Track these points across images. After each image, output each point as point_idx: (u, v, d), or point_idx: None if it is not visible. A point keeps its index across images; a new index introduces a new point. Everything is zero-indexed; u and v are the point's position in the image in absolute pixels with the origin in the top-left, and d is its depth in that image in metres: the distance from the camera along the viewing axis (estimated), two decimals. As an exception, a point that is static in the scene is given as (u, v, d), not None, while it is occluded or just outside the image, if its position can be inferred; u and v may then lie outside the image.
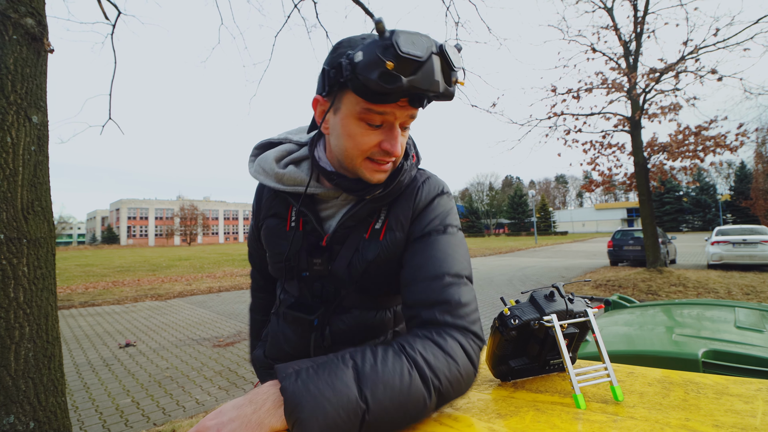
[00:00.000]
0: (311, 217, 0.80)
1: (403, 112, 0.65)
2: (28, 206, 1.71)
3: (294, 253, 0.82)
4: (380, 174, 0.71)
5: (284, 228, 0.84)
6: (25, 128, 1.72)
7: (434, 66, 0.58)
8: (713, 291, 7.73)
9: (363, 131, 0.67)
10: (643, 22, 9.39)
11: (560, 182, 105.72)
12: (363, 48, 0.59)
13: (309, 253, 0.81)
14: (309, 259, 0.80)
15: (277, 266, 0.85)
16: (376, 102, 0.62)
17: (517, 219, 75.96)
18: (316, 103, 0.72)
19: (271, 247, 0.86)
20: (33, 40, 1.77)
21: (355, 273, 0.78)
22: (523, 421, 0.56)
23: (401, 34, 0.57)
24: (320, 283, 0.82)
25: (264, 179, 0.81)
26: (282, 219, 0.85)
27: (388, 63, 0.56)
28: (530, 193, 56.12)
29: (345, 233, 0.79)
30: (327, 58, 0.68)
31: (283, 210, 0.85)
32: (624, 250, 13.58)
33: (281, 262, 0.83)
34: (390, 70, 0.56)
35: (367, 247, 0.78)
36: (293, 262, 0.82)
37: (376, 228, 0.79)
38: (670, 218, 62.62)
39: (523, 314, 0.67)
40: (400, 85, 0.57)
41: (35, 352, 1.71)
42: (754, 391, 0.61)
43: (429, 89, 0.59)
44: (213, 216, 78.70)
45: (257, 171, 0.83)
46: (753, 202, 35.45)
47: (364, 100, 0.63)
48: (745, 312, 1.71)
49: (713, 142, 8.95)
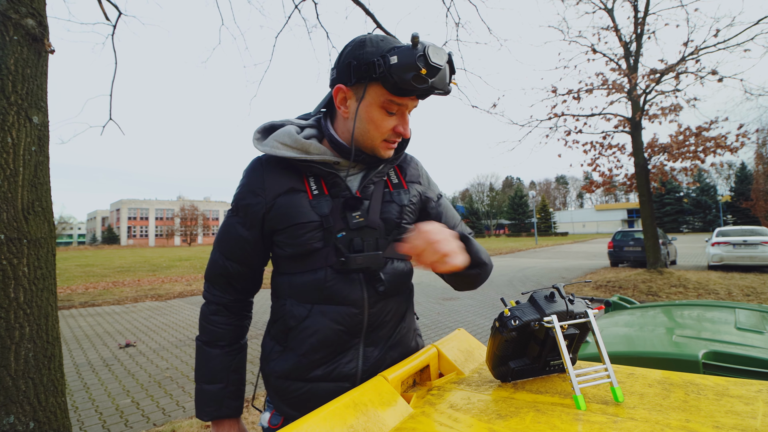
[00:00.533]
0: (341, 178, 0.88)
1: (413, 102, 0.84)
2: (28, 206, 1.72)
3: (327, 216, 0.86)
4: (391, 151, 0.89)
5: (307, 198, 0.87)
6: (25, 129, 1.72)
7: (446, 71, 0.77)
8: (713, 292, 7.72)
9: (383, 117, 0.83)
10: (643, 23, 9.39)
11: (561, 183, 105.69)
12: (397, 53, 0.75)
13: (345, 208, 0.87)
14: (347, 215, 0.86)
15: (307, 236, 0.85)
16: (400, 95, 0.79)
17: (517, 220, 75.93)
18: (338, 91, 0.84)
19: (296, 219, 0.85)
20: (34, 41, 1.77)
21: (390, 221, 0.90)
22: (523, 421, 0.56)
23: (429, 47, 0.74)
24: (360, 237, 0.87)
25: (284, 152, 0.85)
26: (301, 191, 0.87)
27: (423, 69, 0.73)
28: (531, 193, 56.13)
29: (368, 191, 0.91)
30: (349, 53, 0.81)
31: (298, 183, 0.88)
32: (624, 251, 13.58)
33: (315, 229, 0.85)
34: (422, 74, 0.74)
35: (396, 196, 0.94)
36: (329, 223, 0.85)
37: (395, 182, 0.96)
38: (671, 219, 62.59)
39: (524, 315, 0.67)
40: (427, 86, 0.75)
41: (35, 353, 1.71)
42: (755, 392, 0.61)
43: (442, 89, 0.78)
44: (213, 216, 78.70)
45: (273, 146, 0.87)
46: (753, 203, 35.41)
47: (388, 93, 0.79)
48: (745, 313, 1.71)
49: (714, 143, 8.95)
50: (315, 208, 0.85)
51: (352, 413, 0.58)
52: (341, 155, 0.88)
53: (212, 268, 0.94)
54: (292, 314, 0.87)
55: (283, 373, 0.87)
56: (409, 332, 0.97)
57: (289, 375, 0.86)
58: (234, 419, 0.92)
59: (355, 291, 0.85)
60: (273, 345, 0.91)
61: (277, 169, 0.88)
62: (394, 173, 0.97)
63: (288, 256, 0.88)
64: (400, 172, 0.98)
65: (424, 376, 0.83)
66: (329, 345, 0.84)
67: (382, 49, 0.78)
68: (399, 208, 0.92)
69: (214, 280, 0.94)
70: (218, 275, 0.93)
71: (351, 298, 0.85)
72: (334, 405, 0.58)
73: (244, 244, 0.90)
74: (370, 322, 0.87)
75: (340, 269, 0.84)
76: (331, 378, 0.85)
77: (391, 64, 0.74)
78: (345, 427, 0.55)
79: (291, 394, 0.87)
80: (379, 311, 0.88)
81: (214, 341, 0.92)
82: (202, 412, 0.89)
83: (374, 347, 0.88)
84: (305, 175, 0.89)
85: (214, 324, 0.92)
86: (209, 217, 76.69)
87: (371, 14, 4.26)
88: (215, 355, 0.91)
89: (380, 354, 0.88)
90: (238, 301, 0.95)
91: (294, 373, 0.86)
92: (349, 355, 0.86)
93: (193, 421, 2.96)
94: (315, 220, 0.85)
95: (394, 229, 0.90)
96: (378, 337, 0.89)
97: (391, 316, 0.90)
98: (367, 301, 0.86)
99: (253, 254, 0.91)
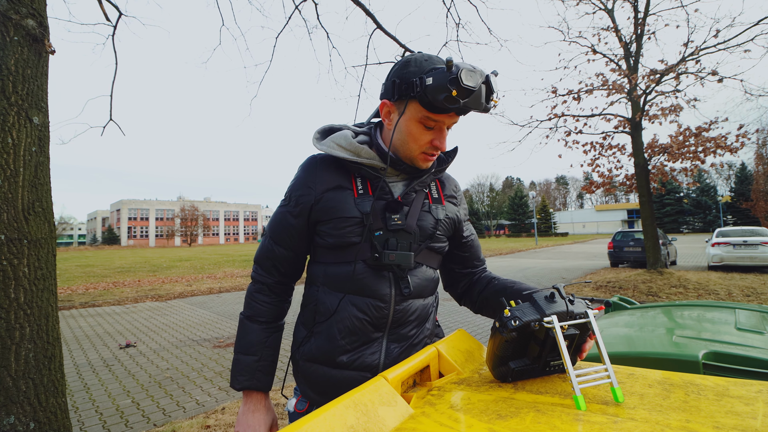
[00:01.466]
0: (385, 182, 0.95)
1: (451, 119, 0.89)
2: (28, 207, 1.72)
3: (368, 214, 0.92)
4: (429, 162, 0.95)
5: (352, 195, 0.94)
6: (26, 129, 1.72)
7: (482, 92, 0.81)
8: (714, 292, 7.72)
9: (421, 132, 0.89)
10: (643, 24, 9.40)
11: (561, 183, 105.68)
12: (433, 75, 0.80)
13: (386, 210, 0.94)
14: (387, 216, 0.93)
15: (348, 230, 0.92)
16: (435, 113, 0.85)
17: (517, 220, 75.90)
18: (384, 106, 0.92)
19: (340, 213, 0.93)
20: (34, 42, 1.77)
21: (426, 229, 0.97)
22: (523, 422, 0.56)
23: (463, 70, 0.78)
24: (395, 239, 0.93)
25: (339, 152, 0.94)
26: (347, 189, 0.95)
27: (454, 91, 0.78)
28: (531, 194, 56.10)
29: (410, 198, 0.97)
30: (395, 71, 0.89)
31: (346, 182, 0.96)
32: (624, 251, 13.57)
33: (356, 225, 0.92)
34: (454, 96, 0.79)
35: (434, 209, 1.00)
36: (369, 221, 0.91)
37: (435, 196, 1.03)
38: (671, 219, 62.57)
39: (524, 315, 0.67)
40: (458, 106, 0.80)
41: (36, 353, 1.71)
42: (755, 392, 0.61)
43: (476, 108, 0.83)
44: (213, 217, 78.73)
45: (330, 146, 0.96)
46: (753, 203, 35.40)
47: (426, 110, 0.85)
48: (745, 314, 1.71)
49: (714, 144, 8.95)
50: (358, 205, 0.93)
51: (353, 413, 0.58)
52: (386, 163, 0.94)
53: (262, 251, 1.02)
54: (323, 301, 0.95)
55: (311, 356, 0.95)
56: (431, 337, 1.04)
57: (317, 358, 0.94)
58: (262, 393, 0.97)
59: (384, 287, 0.92)
60: (303, 330, 0.99)
61: (330, 168, 0.97)
62: (435, 188, 1.04)
63: (327, 246, 0.95)
64: (440, 187, 1.06)
65: (424, 376, 0.83)
66: (355, 333, 0.91)
67: (423, 69, 0.84)
68: (435, 221, 0.99)
69: (262, 263, 1.02)
70: (266, 258, 1.01)
71: (379, 292, 0.92)
72: (335, 405, 0.58)
73: (292, 231, 0.98)
74: (395, 319, 0.94)
75: (372, 264, 0.91)
76: (355, 366, 0.92)
77: (426, 85, 0.81)
78: (345, 428, 0.55)
79: (317, 378, 0.94)
80: (404, 309, 0.94)
81: (254, 316, 0.99)
82: (235, 381, 0.96)
83: (397, 344, 0.95)
84: (354, 175, 0.96)
85: (257, 301, 1.00)
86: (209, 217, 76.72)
87: (371, 15, 4.26)
88: (254, 330, 0.98)
89: (402, 351, 0.95)
90: (281, 283, 1.02)
91: (321, 356, 0.93)
92: (374, 347, 0.93)
93: (194, 421, 2.96)
94: (357, 216, 0.92)
95: (428, 238, 0.98)
96: (401, 335, 0.96)
97: (415, 316, 0.97)
98: (394, 299, 0.93)
99: (299, 241, 0.99)
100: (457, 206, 1.08)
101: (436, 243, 1.00)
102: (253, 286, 1.02)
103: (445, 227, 1.01)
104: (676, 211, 62.91)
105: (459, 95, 0.79)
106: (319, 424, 0.54)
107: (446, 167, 1.02)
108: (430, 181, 1.01)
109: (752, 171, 43.27)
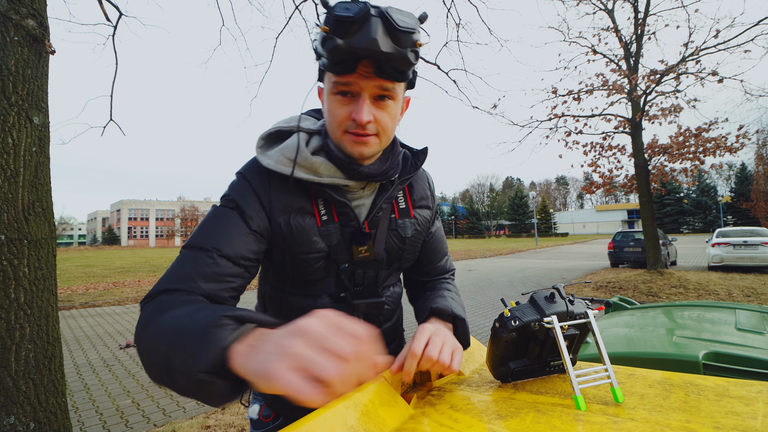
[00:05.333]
0: (350, 207, 0.79)
1: (369, 82, 0.68)
2: (29, 207, 1.72)
3: (334, 246, 0.79)
4: (360, 147, 0.73)
5: (315, 224, 0.78)
6: (26, 129, 1.73)
7: (372, 26, 0.61)
8: (714, 293, 7.72)
9: (337, 104, 0.71)
10: (643, 24, 9.40)
11: (561, 184, 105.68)
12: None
13: (352, 242, 0.80)
14: (353, 249, 0.80)
15: (312, 267, 0.79)
16: (337, 73, 0.66)
17: (517, 220, 75.92)
18: (320, 92, 0.78)
19: (304, 248, 0.78)
20: (34, 42, 1.77)
21: (393, 252, 0.85)
22: (523, 422, 0.56)
23: (342, 2, 0.62)
24: (363, 270, 0.83)
25: (295, 172, 0.76)
26: (309, 214, 0.78)
27: (323, 27, 0.62)
28: (531, 194, 56.10)
29: (376, 221, 0.83)
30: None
31: (307, 204, 0.79)
32: (624, 251, 13.57)
33: (320, 260, 0.79)
34: (327, 33, 0.62)
35: (402, 225, 0.86)
36: (336, 255, 0.80)
37: (402, 207, 0.87)
38: (671, 220, 62.58)
39: (524, 315, 0.67)
40: (337, 45, 0.61)
41: (36, 353, 1.71)
42: (755, 393, 0.61)
43: (367, 48, 0.61)
44: (213, 217, 78.51)
45: (281, 162, 0.76)
46: (754, 203, 35.42)
47: (333, 74, 0.68)
48: (745, 314, 1.71)
49: (714, 144, 8.96)
50: (324, 237, 0.79)
51: (353, 414, 0.58)
52: (343, 172, 0.77)
53: (181, 270, 0.69)
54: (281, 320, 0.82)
55: None
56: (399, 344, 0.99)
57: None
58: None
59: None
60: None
61: (286, 183, 0.77)
62: (403, 195, 0.89)
63: (282, 276, 0.83)
64: (408, 193, 0.90)
65: (424, 376, 0.83)
66: None
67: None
68: (402, 241, 0.86)
69: (183, 284, 0.70)
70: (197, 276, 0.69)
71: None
72: (335, 405, 0.58)
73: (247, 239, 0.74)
74: None
75: (339, 305, 0.81)
76: None
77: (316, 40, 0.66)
78: (345, 428, 0.55)
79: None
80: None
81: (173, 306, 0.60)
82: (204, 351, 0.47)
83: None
84: (314, 196, 0.80)
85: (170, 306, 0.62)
86: (209, 217, 76.47)
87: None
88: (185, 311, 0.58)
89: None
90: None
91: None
92: None
93: (194, 421, 2.96)
94: (323, 250, 0.79)
95: (395, 260, 0.87)
96: None
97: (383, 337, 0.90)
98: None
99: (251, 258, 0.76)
100: (430, 208, 0.93)
101: (404, 263, 0.90)
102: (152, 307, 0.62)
103: (414, 244, 0.89)
104: (676, 212, 62.91)
105: (333, 31, 0.62)
106: (319, 424, 0.54)
107: (414, 173, 0.86)
108: (398, 192, 0.86)
109: (752, 171, 43.26)
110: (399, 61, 0.65)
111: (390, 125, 0.74)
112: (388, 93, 0.71)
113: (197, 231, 0.74)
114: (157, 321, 0.57)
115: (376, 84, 0.69)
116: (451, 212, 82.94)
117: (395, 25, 0.62)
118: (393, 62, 0.65)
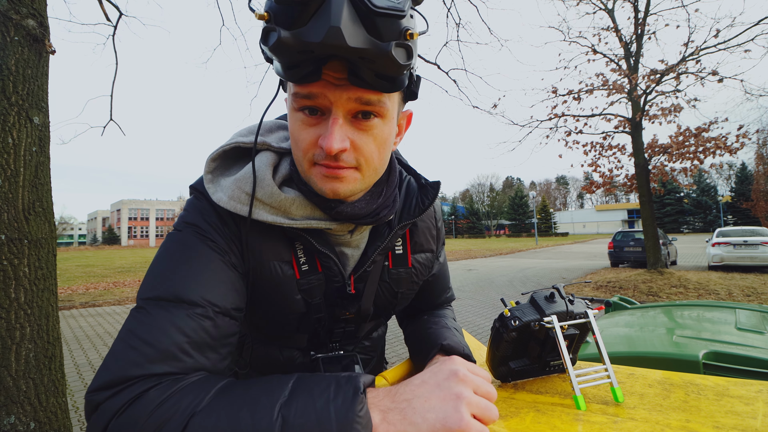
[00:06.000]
0: (333, 259, 0.63)
1: (341, 93, 0.48)
2: (29, 207, 1.72)
3: (314, 305, 0.65)
4: (333, 183, 0.53)
5: (294, 277, 0.62)
6: (26, 129, 1.73)
7: (332, 8, 0.41)
8: (714, 292, 7.71)
9: (300, 126, 0.52)
10: (643, 24, 9.40)
11: (561, 183, 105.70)
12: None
13: (335, 303, 0.67)
14: (337, 311, 0.67)
15: (289, 325, 0.67)
16: (296, 81, 0.48)
17: (517, 220, 75.96)
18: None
19: (280, 306, 0.64)
20: (34, 42, 1.77)
21: (381, 307, 0.73)
22: (523, 422, 0.56)
23: None
24: (343, 326, 0.71)
25: (258, 212, 0.56)
26: (287, 263, 0.62)
27: (259, 14, 0.43)
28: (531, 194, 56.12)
29: (366, 275, 0.68)
30: None
31: (285, 251, 0.62)
32: (625, 251, 13.57)
33: (297, 317, 0.66)
34: (266, 23, 0.43)
35: (395, 279, 0.71)
36: (315, 314, 0.66)
37: (399, 254, 0.71)
38: (671, 219, 62.61)
39: (524, 315, 0.67)
40: (281, 40, 0.42)
41: (36, 353, 1.72)
42: (755, 392, 0.61)
43: (327, 42, 0.41)
44: (213, 217, 78.59)
45: (234, 197, 0.56)
46: (754, 203, 35.42)
47: (292, 84, 0.49)
48: (745, 313, 1.71)
49: (714, 144, 8.96)
50: (304, 292, 0.63)
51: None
52: (323, 210, 0.59)
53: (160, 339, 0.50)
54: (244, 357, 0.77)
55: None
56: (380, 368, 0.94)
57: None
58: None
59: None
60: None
61: (259, 223, 0.59)
62: (402, 239, 0.72)
63: (251, 324, 0.74)
64: (408, 234, 0.72)
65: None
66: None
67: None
68: (394, 295, 0.72)
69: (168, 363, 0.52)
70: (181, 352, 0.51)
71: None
72: None
73: (233, 298, 0.57)
74: None
75: (309, 363, 0.71)
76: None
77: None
78: None
79: None
80: None
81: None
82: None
83: None
84: (290, 239, 0.62)
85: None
86: (209, 217, 76.56)
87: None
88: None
89: None
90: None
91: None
92: None
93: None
94: (301, 310, 0.65)
95: (383, 314, 0.75)
96: None
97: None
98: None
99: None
100: (434, 252, 0.76)
101: (394, 312, 0.78)
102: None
103: (407, 297, 0.76)
104: (676, 211, 62.94)
105: (274, 20, 0.43)
106: None
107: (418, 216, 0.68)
108: (396, 239, 0.68)
109: (752, 171, 43.28)
110: (380, 61, 0.44)
111: (376, 154, 0.54)
112: (373, 108, 0.51)
113: (164, 273, 0.52)
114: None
115: (351, 96, 0.49)
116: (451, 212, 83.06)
117: (369, 5, 0.42)
118: (371, 63, 0.45)
